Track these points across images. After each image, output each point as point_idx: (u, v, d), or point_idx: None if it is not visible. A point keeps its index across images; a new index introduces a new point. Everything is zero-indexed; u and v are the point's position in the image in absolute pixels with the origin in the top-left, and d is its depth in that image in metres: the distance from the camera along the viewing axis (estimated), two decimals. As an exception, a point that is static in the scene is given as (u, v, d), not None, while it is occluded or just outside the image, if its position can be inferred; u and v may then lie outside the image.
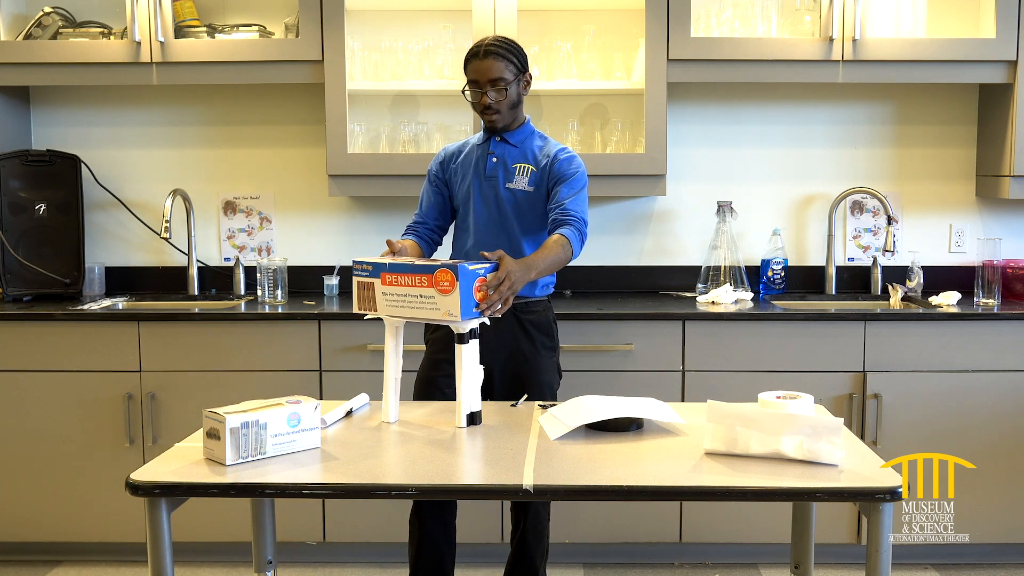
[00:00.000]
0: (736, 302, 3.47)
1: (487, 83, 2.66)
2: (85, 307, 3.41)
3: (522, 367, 2.73)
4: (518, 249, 2.73)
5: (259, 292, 3.58)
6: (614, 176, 3.45)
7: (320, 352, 3.28)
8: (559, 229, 2.62)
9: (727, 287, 3.51)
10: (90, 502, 3.34)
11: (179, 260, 3.83)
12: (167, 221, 3.59)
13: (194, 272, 3.77)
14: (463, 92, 2.73)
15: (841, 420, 1.96)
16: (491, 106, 2.68)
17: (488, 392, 2.69)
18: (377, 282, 2.25)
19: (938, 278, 3.73)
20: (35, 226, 3.58)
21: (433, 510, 2.74)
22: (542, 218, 2.75)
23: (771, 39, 3.42)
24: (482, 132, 2.82)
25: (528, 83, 2.76)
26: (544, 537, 2.83)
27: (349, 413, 2.35)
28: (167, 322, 3.30)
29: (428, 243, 2.86)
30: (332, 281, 3.68)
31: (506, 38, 2.73)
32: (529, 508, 2.77)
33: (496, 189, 2.74)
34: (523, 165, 2.74)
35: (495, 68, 2.66)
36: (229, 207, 3.84)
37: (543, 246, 2.57)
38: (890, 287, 3.64)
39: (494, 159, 2.75)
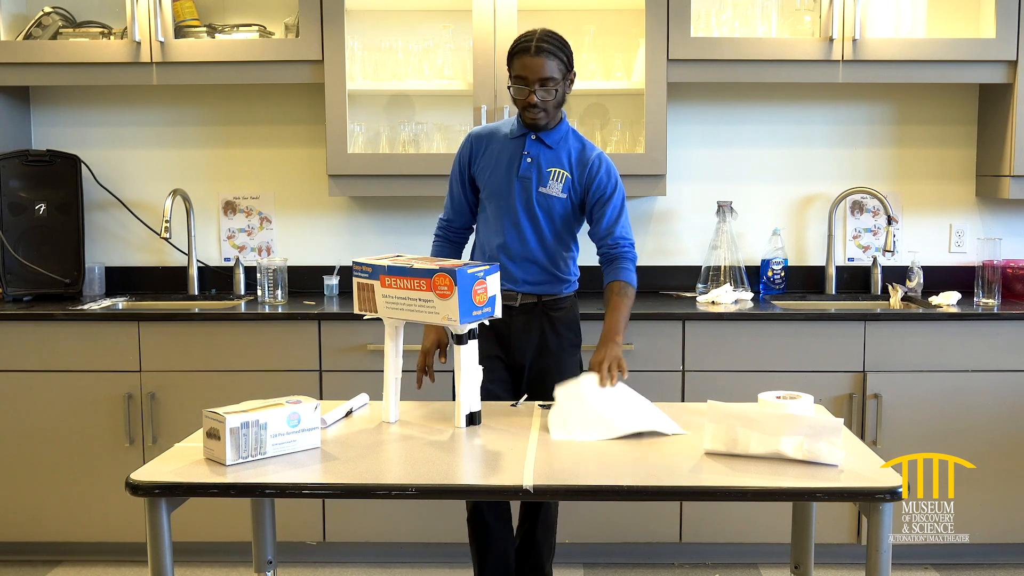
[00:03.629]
0: (736, 302, 3.47)
1: (536, 81, 2.55)
2: (85, 307, 3.41)
3: (548, 363, 2.72)
4: (549, 251, 2.69)
5: (259, 292, 3.58)
6: (614, 176, 3.45)
7: (320, 352, 3.28)
8: (616, 265, 2.65)
9: (727, 287, 3.51)
10: (90, 502, 3.34)
11: (179, 260, 3.83)
12: (167, 221, 3.59)
13: (194, 272, 3.77)
14: (508, 88, 2.62)
15: (841, 420, 1.96)
16: (537, 105, 2.57)
17: (517, 388, 2.72)
18: (376, 284, 2.25)
19: (938, 278, 3.73)
20: (35, 226, 3.58)
21: (492, 507, 2.76)
22: (571, 223, 2.72)
23: (771, 39, 3.42)
24: (516, 122, 2.71)
25: (572, 82, 2.65)
26: (552, 533, 2.83)
27: (349, 413, 2.35)
28: (167, 322, 3.30)
29: (458, 247, 2.83)
30: (332, 281, 3.68)
31: (555, 33, 2.62)
32: (540, 504, 2.76)
33: (529, 191, 2.67)
34: (558, 170, 2.66)
35: (546, 67, 2.54)
36: (229, 207, 3.84)
37: (615, 305, 2.59)
38: (890, 287, 3.64)
39: (528, 159, 2.66)
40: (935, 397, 3.26)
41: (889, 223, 3.61)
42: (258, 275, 3.59)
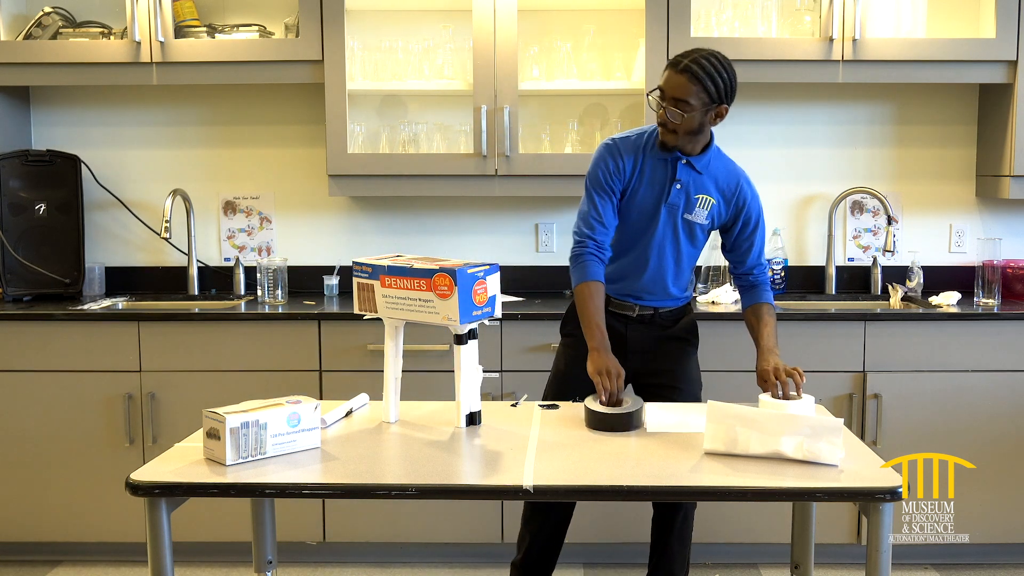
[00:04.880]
0: (736, 302, 3.47)
1: (670, 99, 2.44)
2: (85, 307, 3.41)
3: (669, 366, 2.70)
4: (681, 273, 2.67)
5: (259, 292, 3.58)
6: (614, 176, 3.45)
7: (320, 352, 3.28)
8: (761, 290, 2.66)
9: (727, 287, 3.51)
10: (90, 502, 3.34)
11: (179, 260, 3.83)
12: (167, 221, 3.59)
13: (194, 272, 3.77)
14: (647, 95, 2.58)
15: (841, 420, 1.96)
16: (667, 124, 2.47)
17: (647, 390, 2.68)
18: (376, 284, 2.25)
19: (938, 278, 3.73)
20: (35, 226, 3.58)
21: (545, 523, 2.75)
22: (701, 242, 2.69)
23: (771, 39, 3.42)
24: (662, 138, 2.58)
25: (720, 115, 2.49)
26: (687, 546, 2.78)
27: (349, 413, 2.35)
28: (167, 322, 3.30)
29: (605, 265, 2.61)
30: (332, 281, 3.68)
31: (716, 60, 2.45)
32: (678, 512, 2.71)
33: (675, 217, 2.60)
34: (705, 197, 2.59)
35: (684, 88, 2.41)
36: (229, 207, 3.84)
37: (768, 323, 2.58)
38: (890, 287, 3.64)
39: (678, 186, 2.57)
40: (935, 397, 3.26)
41: (889, 223, 3.61)
42: (258, 275, 3.59)
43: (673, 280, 2.68)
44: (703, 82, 2.42)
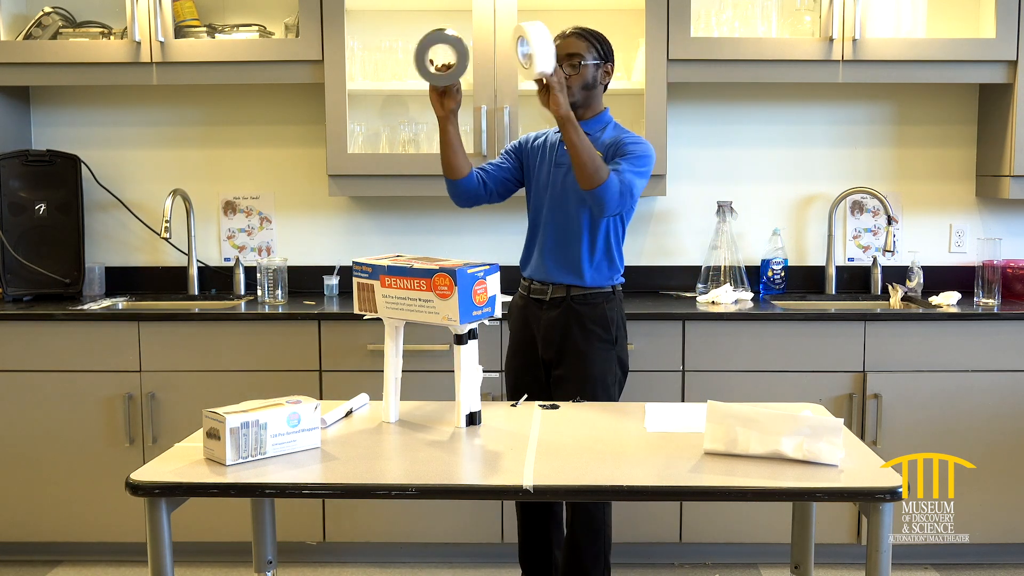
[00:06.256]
0: (736, 302, 3.47)
1: (564, 57, 2.65)
2: (85, 307, 3.41)
3: (574, 359, 2.72)
4: (580, 237, 2.72)
5: (259, 292, 3.58)
6: (614, 176, 3.45)
7: (320, 352, 3.28)
8: None
9: (727, 287, 3.51)
10: (90, 502, 3.34)
11: (179, 260, 3.83)
12: (167, 221, 3.58)
13: (194, 272, 3.77)
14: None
15: (841, 421, 1.96)
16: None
17: (545, 386, 2.75)
18: (376, 284, 2.25)
19: (938, 278, 3.73)
20: (35, 226, 3.58)
21: (532, 520, 2.82)
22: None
23: (771, 39, 3.42)
24: None
25: (608, 73, 2.76)
26: (600, 537, 2.75)
27: (349, 413, 2.35)
28: (167, 322, 3.30)
29: (480, 182, 2.80)
30: (332, 281, 3.68)
31: (594, 29, 2.76)
32: (578, 505, 2.73)
33: (566, 177, 2.72)
34: None
35: (574, 45, 2.68)
36: (229, 207, 3.84)
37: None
38: (890, 287, 3.65)
39: (565, 147, 2.71)
40: (935, 397, 3.26)
41: (889, 223, 3.61)
42: (258, 275, 3.59)
43: (579, 245, 2.72)
44: (590, 40, 2.71)
